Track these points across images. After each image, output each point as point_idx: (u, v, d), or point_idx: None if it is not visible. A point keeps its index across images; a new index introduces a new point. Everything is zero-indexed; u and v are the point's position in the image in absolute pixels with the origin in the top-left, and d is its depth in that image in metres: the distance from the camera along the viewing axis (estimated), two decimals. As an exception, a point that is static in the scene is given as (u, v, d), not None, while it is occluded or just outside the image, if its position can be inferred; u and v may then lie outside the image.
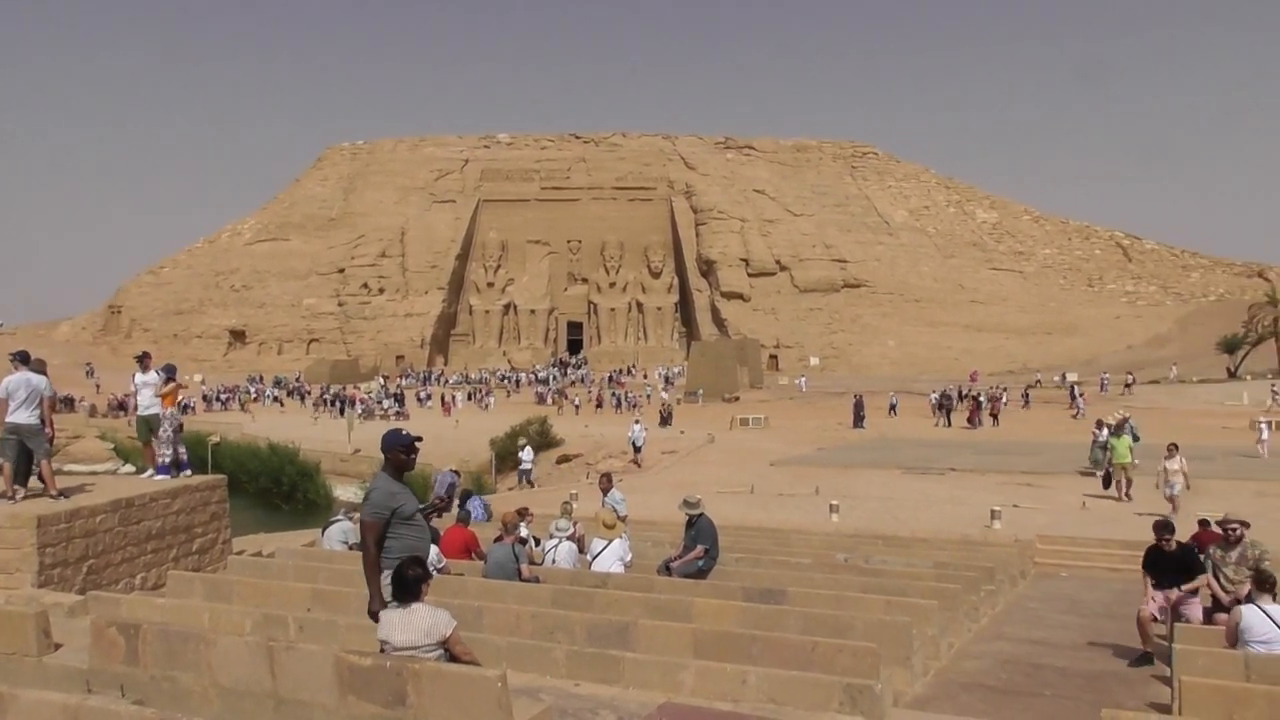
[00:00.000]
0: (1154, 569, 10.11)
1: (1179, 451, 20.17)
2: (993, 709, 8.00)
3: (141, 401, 12.84)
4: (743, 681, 6.93)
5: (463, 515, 13.54)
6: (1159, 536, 10.15)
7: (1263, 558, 9.31)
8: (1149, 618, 9.75)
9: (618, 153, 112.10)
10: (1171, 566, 9.94)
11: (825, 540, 17.61)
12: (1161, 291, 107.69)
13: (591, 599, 9.65)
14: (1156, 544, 10.24)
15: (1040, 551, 18.13)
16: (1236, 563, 9.31)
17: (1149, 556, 10.31)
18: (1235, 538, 9.49)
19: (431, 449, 36.35)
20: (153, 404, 12.75)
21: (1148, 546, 10.65)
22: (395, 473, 6.43)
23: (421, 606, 5.74)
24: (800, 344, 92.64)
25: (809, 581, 11.48)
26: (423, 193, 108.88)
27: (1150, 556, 10.28)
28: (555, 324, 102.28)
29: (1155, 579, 10.07)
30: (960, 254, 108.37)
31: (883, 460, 31.51)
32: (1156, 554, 10.17)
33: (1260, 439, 31.30)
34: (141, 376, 12.85)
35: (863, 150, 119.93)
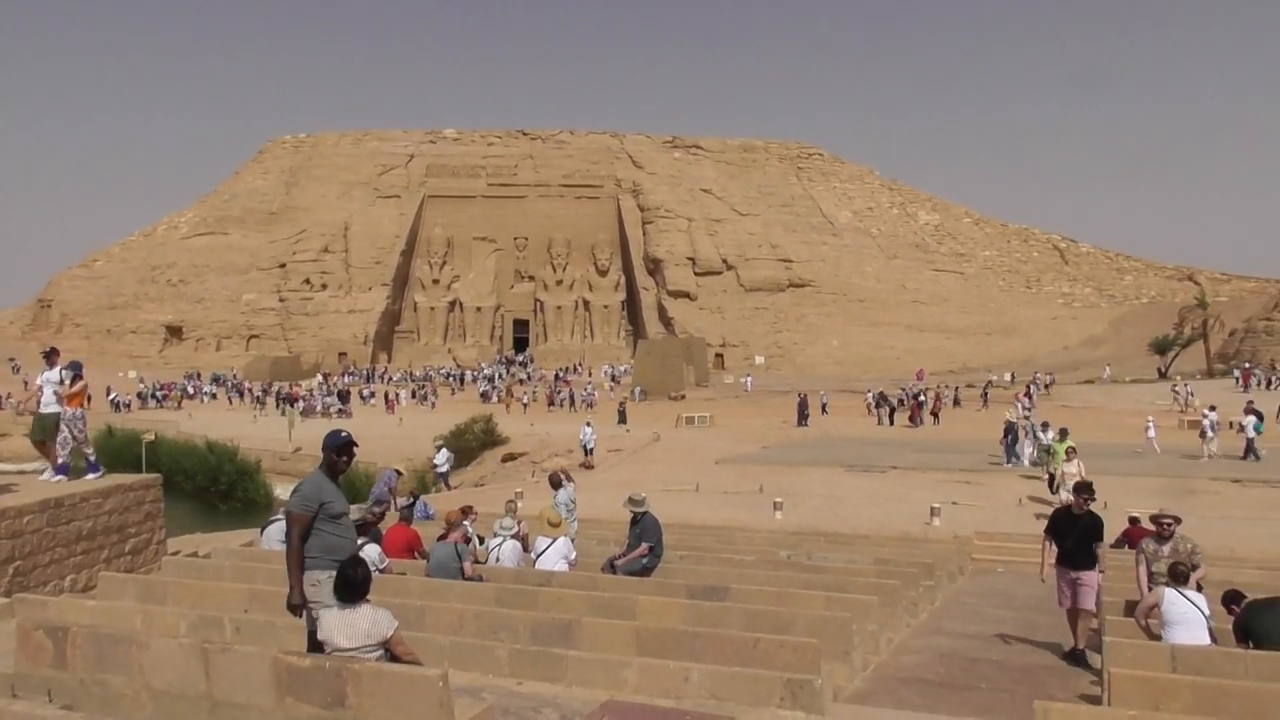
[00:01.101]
0: (1057, 533, 10.05)
1: (1078, 455, 20.27)
2: (930, 702, 8.14)
3: (43, 399, 12.38)
4: (685, 678, 6.96)
5: (405, 514, 13.40)
6: (1078, 497, 10.10)
7: (1194, 552, 9.60)
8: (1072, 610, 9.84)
9: (565, 150, 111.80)
10: (1076, 532, 9.90)
11: (769, 538, 17.77)
12: (1096, 293, 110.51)
13: (535, 597, 9.62)
14: (1067, 507, 10.22)
15: (978, 548, 18.49)
16: (1168, 557, 9.56)
17: (1056, 519, 10.21)
18: (1168, 533, 9.74)
19: (375, 447, 36.04)
20: (53, 402, 12.29)
21: (1055, 509, 10.62)
22: (330, 473, 6.39)
23: (364, 607, 5.69)
24: (746, 343, 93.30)
25: (752, 578, 11.57)
26: (367, 188, 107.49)
27: (1058, 519, 10.18)
28: (501, 321, 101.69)
29: (1057, 543, 10.04)
30: (903, 255, 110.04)
31: (826, 458, 31.85)
32: (1065, 516, 10.12)
33: (1148, 435, 32.35)
34: (46, 374, 12.44)
35: (808, 151, 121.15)
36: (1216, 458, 29.46)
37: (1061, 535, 10.03)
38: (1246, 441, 29.66)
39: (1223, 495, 23.13)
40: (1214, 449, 29.85)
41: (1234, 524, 19.17)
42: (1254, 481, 24.78)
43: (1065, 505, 10.31)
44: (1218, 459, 29.29)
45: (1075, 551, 9.93)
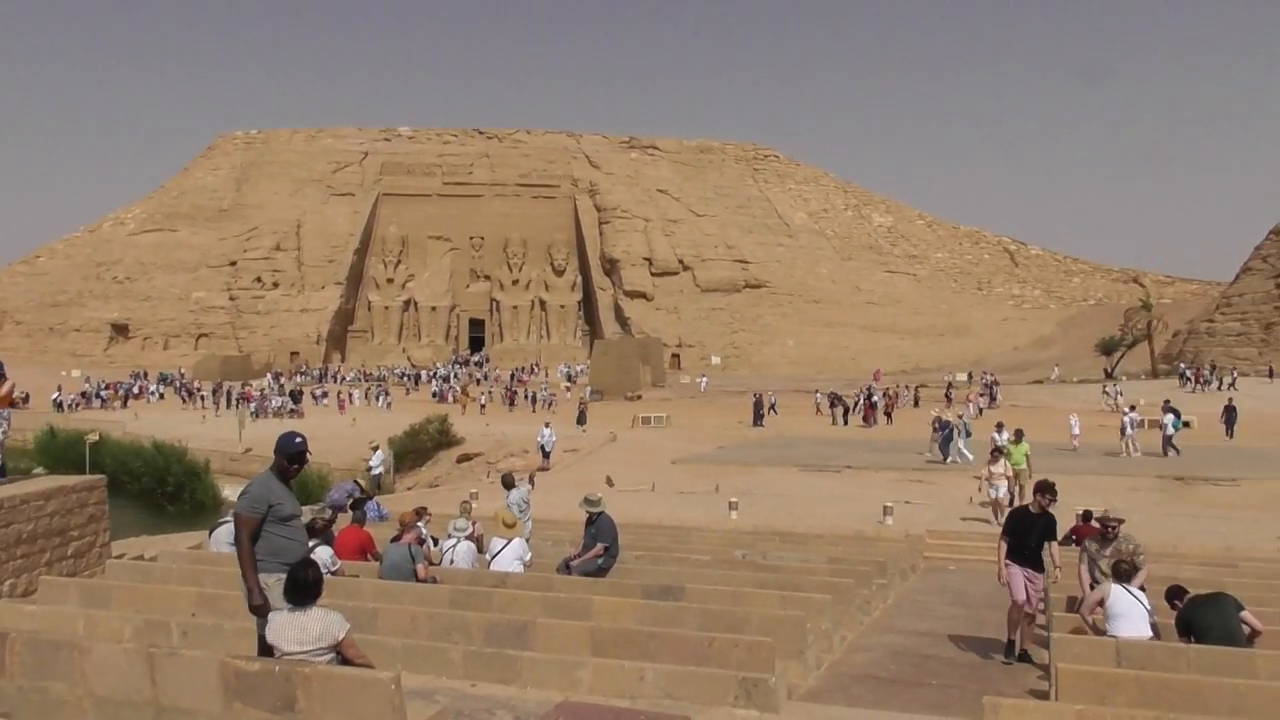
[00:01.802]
0: (1016, 534, 9.88)
1: (1003, 456, 20.56)
2: (882, 699, 8.22)
3: None
4: (640, 678, 6.97)
5: (358, 516, 13.25)
6: (1040, 497, 9.97)
7: (1136, 552, 9.80)
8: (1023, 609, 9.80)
9: (521, 149, 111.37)
10: (1035, 533, 9.85)
11: (724, 537, 17.84)
12: (1045, 295, 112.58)
13: (490, 599, 9.57)
14: (1025, 507, 10.19)
15: (929, 546, 18.73)
16: (1110, 557, 9.74)
17: (1014, 520, 10.09)
18: (1112, 535, 9.92)
19: (328, 447, 35.61)
20: None
21: (1012, 510, 10.58)
22: (280, 475, 6.28)
23: (315, 610, 5.61)
24: (702, 343, 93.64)
25: (707, 578, 11.61)
26: (320, 185, 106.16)
27: (1017, 519, 10.04)
28: (457, 321, 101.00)
29: (1014, 545, 9.85)
30: (857, 256, 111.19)
31: (781, 458, 32.07)
32: (1024, 516, 10.01)
33: (1072, 434, 33.15)
34: None
35: (764, 153, 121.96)
36: (1136, 454, 30.56)
37: (1021, 535, 9.88)
38: (1164, 438, 30.86)
39: (1166, 493, 23.67)
40: (1134, 446, 31.01)
41: (1177, 521, 19.62)
42: (1196, 479, 25.38)
43: (1024, 505, 10.35)
44: (1137, 456, 30.42)
45: (1035, 551, 9.91)
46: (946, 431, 30.21)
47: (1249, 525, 19.20)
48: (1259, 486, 24.10)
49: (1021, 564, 9.84)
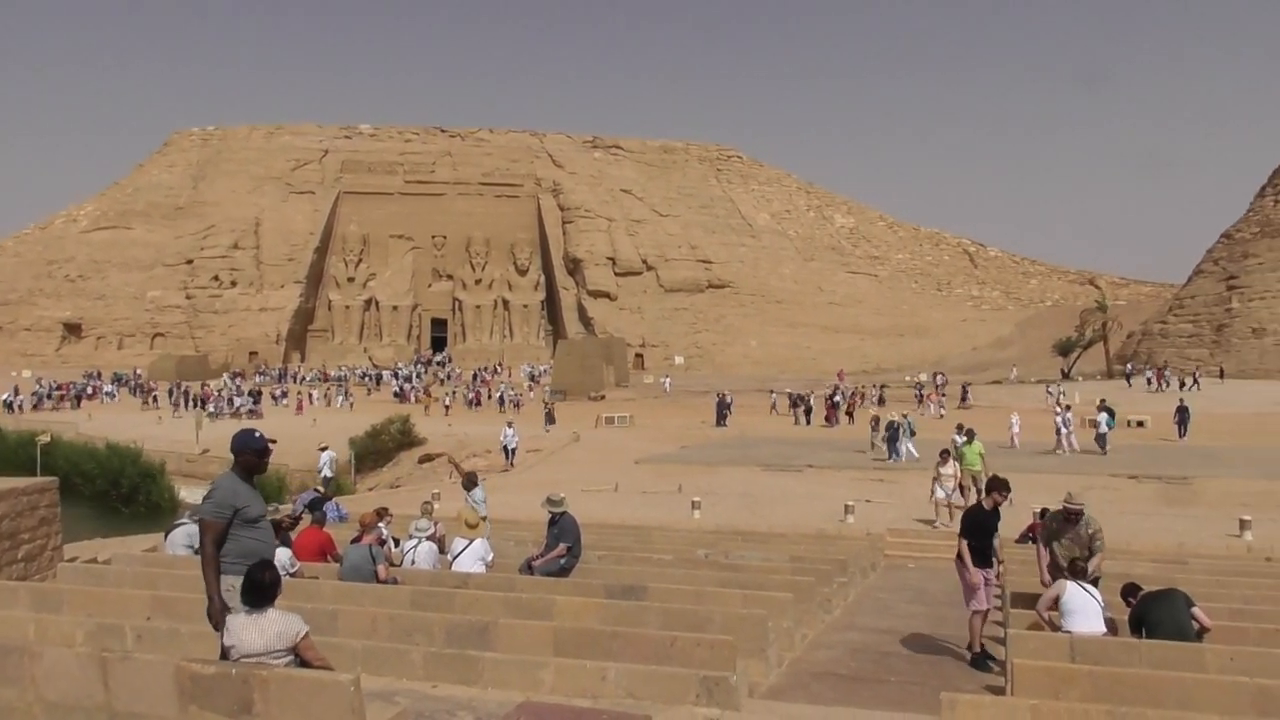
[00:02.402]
0: (975, 536, 9.76)
1: (952, 457, 20.54)
2: (843, 696, 8.29)
3: None
4: (602, 677, 6.97)
5: (317, 517, 13.12)
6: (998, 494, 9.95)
7: (1095, 536, 9.98)
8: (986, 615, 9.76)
9: (484, 148, 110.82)
10: (990, 528, 9.81)
11: (687, 537, 17.88)
12: (1004, 296, 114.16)
13: (451, 599, 9.52)
14: (979, 505, 10.07)
15: (890, 544, 18.91)
16: (1070, 538, 9.89)
17: (972, 520, 9.91)
18: (1076, 517, 10.02)
19: (288, 448, 35.18)
20: None
21: (968, 510, 10.42)
22: (245, 475, 6.19)
23: (273, 612, 5.55)
24: (665, 343, 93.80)
25: (670, 577, 11.63)
26: (279, 183, 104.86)
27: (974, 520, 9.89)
28: (419, 321, 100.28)
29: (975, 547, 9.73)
30: (819, 257, 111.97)
31: (743, 458, 32.23)
32: (981, 515, 9.88)
33: (1012, 432, 33.94)
34: None
35: (727, 154, 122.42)
36: (1070, 452, 31.51)
37: (980, 535, 9.78)
38: (1098, 436, 31.78)
39: (1120, 491, 24.09)
40: (1069, 444, 31.99)
41: (1130, 519, 19.97)
42: (1149, 478, 25.87)
43: (978, 504, 10.24)
44: (1072, 453, 31.39)
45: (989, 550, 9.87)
46: (893, 431, 30.98)
47: (1200, 523, 19.60)
48: (1209, 484, 24.61)
49: (981, 565, 9.77)
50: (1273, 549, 16.75)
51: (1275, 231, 69.56)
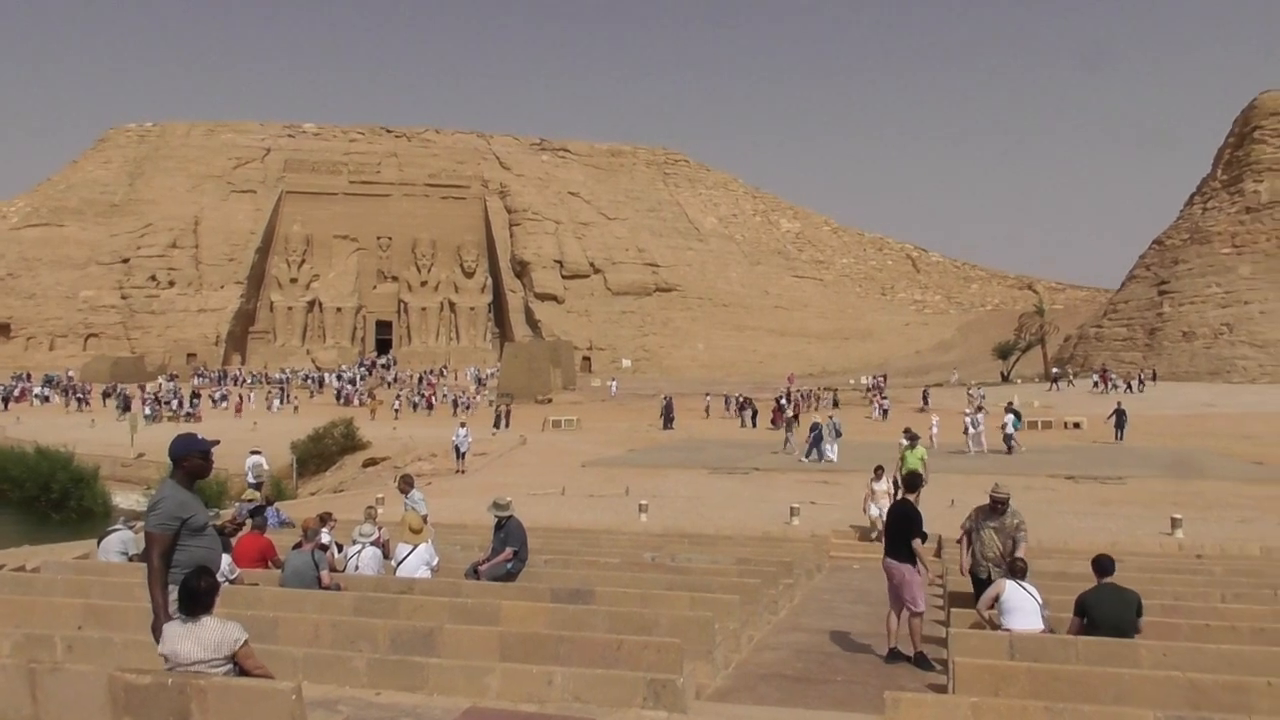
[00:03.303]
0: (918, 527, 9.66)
1: (885, 474, 19.12)
2: (788, 697, 8.35)
3: None
4: (549, 682, 6.94)
5: (258, 522, 12.88)
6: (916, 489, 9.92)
7: (1019, 527, 10.19)
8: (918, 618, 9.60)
9: (430, 149, 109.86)
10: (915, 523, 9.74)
11: (634, 540, 17.88)
12: (946, 301, 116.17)
13: (396, 605, 9.40)
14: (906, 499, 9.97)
15: (834, 546, 19.10)
16: (996, 527, 10.04)
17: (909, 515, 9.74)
18: (1001, 508, 10.19)
19: (228, 451, 34.37)
20: None
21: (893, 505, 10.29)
22: (187, 480, 5.98)
23: (210, 619, 5.41)
24: (613, 346, 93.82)
25: (617, 581, 11.62)
26: (219, 181, 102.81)
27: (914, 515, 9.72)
28: (363, 323, 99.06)
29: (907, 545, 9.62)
30: (765, 261, 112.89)
31: (690, 461, 32.35)
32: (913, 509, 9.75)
33: (931, 433, 34.82)
34: None
35: (674, 158, 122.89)
36: (977, 452, 32.54)
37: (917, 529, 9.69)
38: (1005, 437, 33.03)
39: (1058, 491, 24.62)
40: (979, 444, 33.05)
41: (1067, 518, 20.41)
42: (1085, 478, 26.48)
43: (904, 498, 10.13)
44: (978, 453, 32.46)
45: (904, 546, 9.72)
46: (816, 432, 31.75)
47: (1134, 521, 20.10)
48: (1144, 484, 25.27)
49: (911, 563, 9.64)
50: (1203, 546, 17.24)
51: (1204, 239, 71.75)
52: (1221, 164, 76.18)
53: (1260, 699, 6.66)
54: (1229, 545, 17.42)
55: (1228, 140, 76.93)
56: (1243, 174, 71.69)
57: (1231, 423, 41.56)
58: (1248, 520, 20.10)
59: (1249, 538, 18.16)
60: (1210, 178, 77.13)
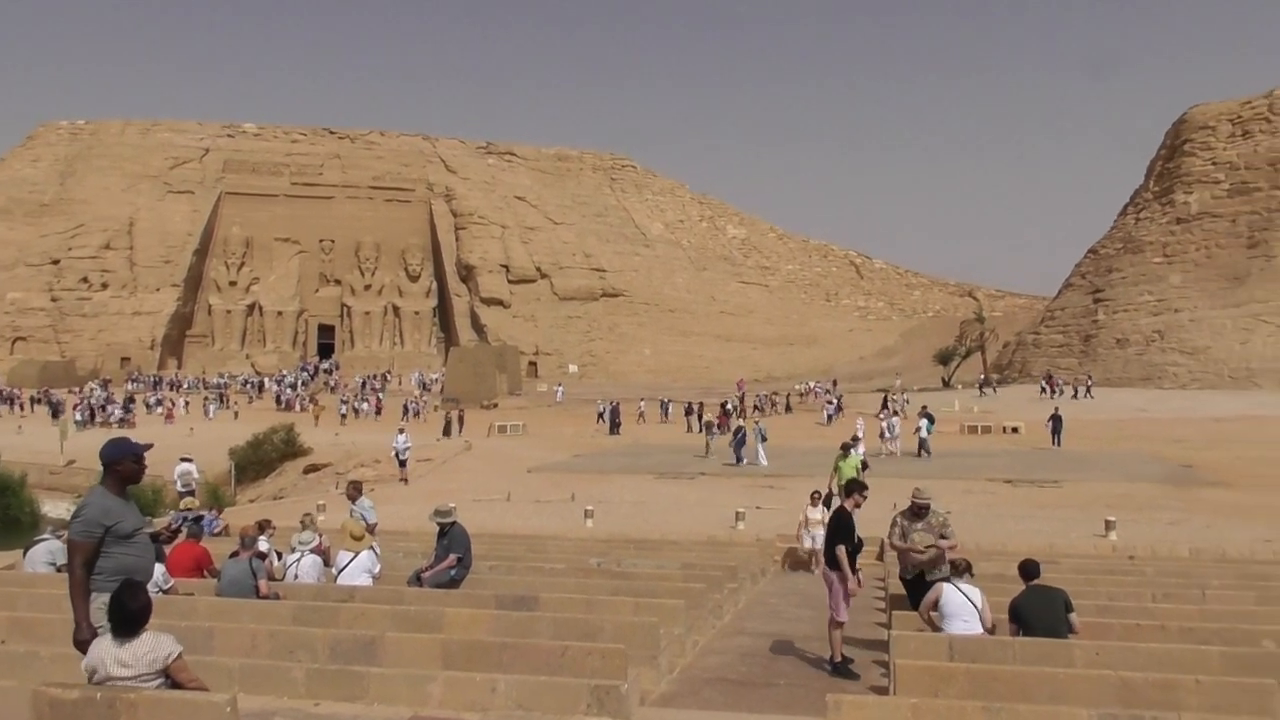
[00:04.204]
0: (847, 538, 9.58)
1: (822, 500, 17.85)
2: (733, 701, 8.38)
3: None
4: (492, 690, 6.88)
5: (194, 530, 12.59)
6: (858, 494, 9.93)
7: (945, 523, 10.37)
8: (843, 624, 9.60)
9: (375, 151, 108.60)
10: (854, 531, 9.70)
11: (579, 545, 17.83)
12: (889, 307, 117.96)
13: (336, 614, 9.25)
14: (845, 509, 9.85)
15: (779, 550, 19.23)
16: (923, 530, 10.20)
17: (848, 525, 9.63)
18: (924, 511, 10.32)
19: (162, 458, 33.62)
20: None
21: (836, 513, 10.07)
22: (118, 486, 5.79)
23: (142, 632, 5.26)
24: (559, 351, 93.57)
25: (562, 587, 11.57)
26: (156, 181, 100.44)
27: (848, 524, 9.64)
28: (305, 327, 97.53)
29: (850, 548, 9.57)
30: (712, 267, 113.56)
31: (636, 466, 32.37)
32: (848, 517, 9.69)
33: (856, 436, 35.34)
34: None
35: (622, 163, 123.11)
36: (892, 454, 33.47)
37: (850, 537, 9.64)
38: (919, 441, 33.87)
39: (996, 495, 25.11)
40: (893, 447, 34.11)
41: (1005, 521, 20.81)
42: (1023, 482, 27.05)
43: (842, 506, 10.05)
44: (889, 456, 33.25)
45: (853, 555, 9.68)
46: (740, 436, 32.40)
47: (1069, 524, 20.55)
48: (1079, 487, 25.87)
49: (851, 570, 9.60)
50: (1135, 548, 17.69)
51: (1136, 248, 73.79)
52: (1153, 176, 78.47)
53: (1188, 696, 6.85)
54: (1160, 546, 17.89)
55: (1159, 153, 79.28)
56: (1173, 186, 73.91)
57: (1163, 427, 42.75)
58: (1177, 522, 20.68)
59: (1179, 539, 18.68)
60: (1142, 189, 79.41)
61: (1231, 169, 70.86)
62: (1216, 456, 32.17)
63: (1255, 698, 6.82)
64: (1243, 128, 72.00)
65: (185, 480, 26.73)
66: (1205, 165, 72.30)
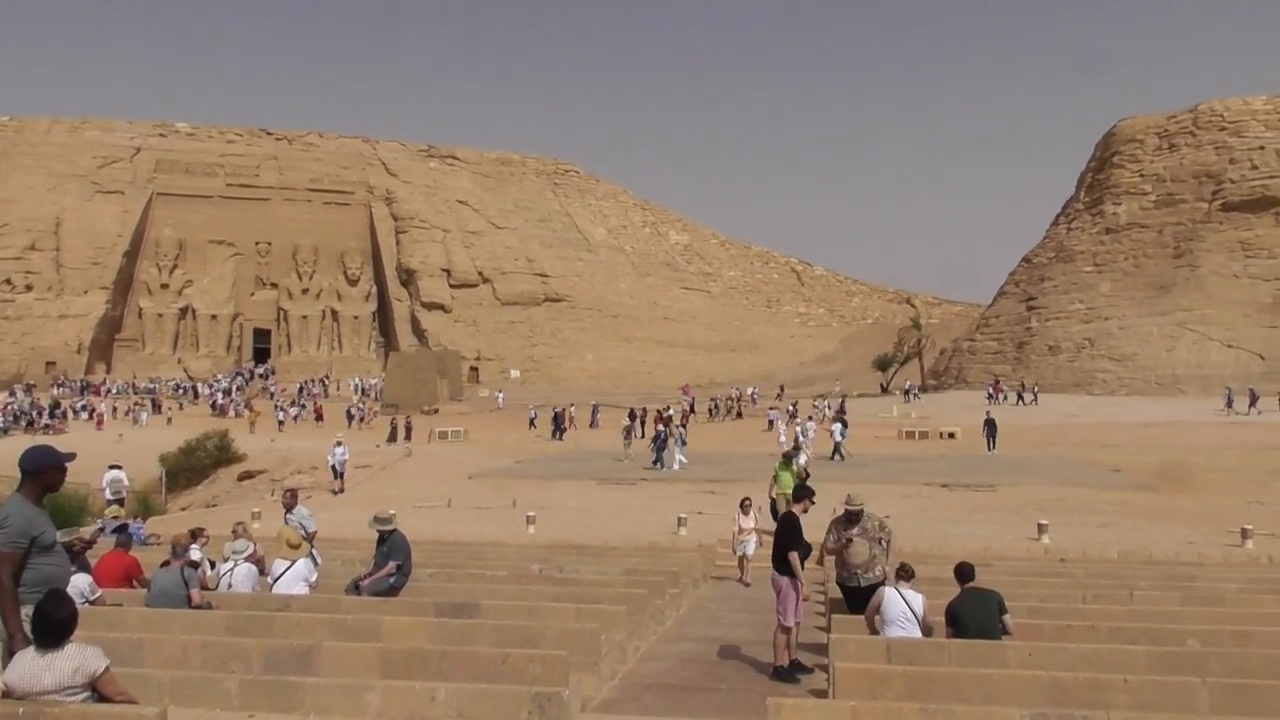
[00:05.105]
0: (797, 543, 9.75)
1: (753, 507, 17.43)
2: (673, 706, 8.40)
3: None
4: (431, 698, 6.81)
5: (122, 539, 12.25)
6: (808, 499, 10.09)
7: (883, 525, 10.51)
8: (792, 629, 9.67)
9: (313, 153, 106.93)
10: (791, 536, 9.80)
11: (521, 552, 17.73)
12: (829, 314, 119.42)
13: (271, 623, 9.07)
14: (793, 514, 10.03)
15: (720, 555, 19.31)
16: (859, 534, 10.31)
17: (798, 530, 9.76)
18: (857, 516, 10.44)
19: (90, 465, 32.63)
20: None
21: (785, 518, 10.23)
22: (37, 495, 5.64)
23: (67, 644, 5.10)
24: (501, 356, 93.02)
25: (503, 594, 11.49)
26: (84, 181, 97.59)
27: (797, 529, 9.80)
28: (240, 331, 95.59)
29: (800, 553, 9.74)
30: (654, 273, 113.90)
31: (579, 472, 32.31)
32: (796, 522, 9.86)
33: (778, 441, 36.67)
34: None
35: (564, 168, 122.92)
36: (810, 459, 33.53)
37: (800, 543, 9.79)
38: (834, 445, 34.67)
39: (933, 499, 25.54)
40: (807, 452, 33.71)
41: (941, 524, 21.19)
42: (959, 486, 27.56)
43: (791, 512, 10.24)
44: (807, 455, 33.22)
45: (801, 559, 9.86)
46: (661, 440, 33.30)
47: (1003, 527, 21.00)
48: (1013, 491, 26.44)
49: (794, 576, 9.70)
50: (1066, 551, 18.13)
51: (1068, 257, 75.78)
52: (1084, 187, 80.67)
53: (1117, 695, 7.04)
54: (1090, 549, 18.37)
55: (1089, 164, 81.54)
56: (1103, 196, 76.07)
57: (1093, 432, 43.89)
58: (1107, 525, 21.25)
59: (1108, 541, 19.19)
60: (1074, 199, 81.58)
61: (1158, 181, 73.16)
62: (1144, 461, 33.14)
63: (1181, 696, 7.03)
64: (1169, 141, 74.38)
65: (115, 488, 25.96)
66: (1133, 177, 74.53)
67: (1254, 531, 18.78)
